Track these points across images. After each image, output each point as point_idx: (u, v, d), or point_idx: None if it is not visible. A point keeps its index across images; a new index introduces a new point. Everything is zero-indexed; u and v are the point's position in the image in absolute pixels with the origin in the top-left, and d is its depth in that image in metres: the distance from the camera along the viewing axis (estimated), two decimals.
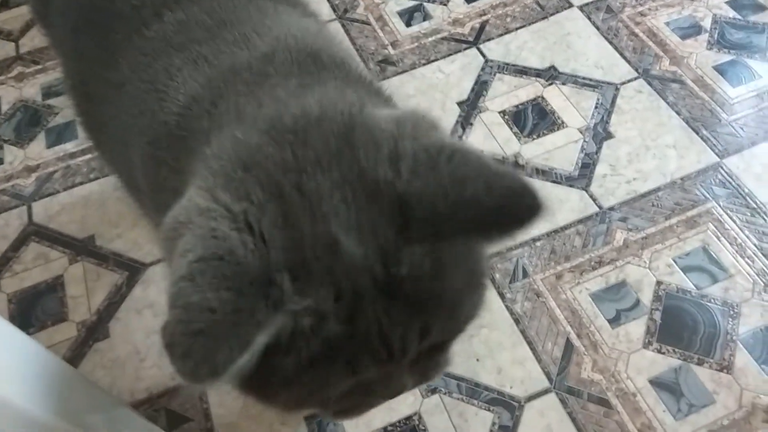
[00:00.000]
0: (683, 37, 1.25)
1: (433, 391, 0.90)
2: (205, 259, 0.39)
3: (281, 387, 0.45)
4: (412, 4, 1.40)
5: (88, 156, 1.24)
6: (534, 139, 1.14)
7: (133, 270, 1.08)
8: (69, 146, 1.27)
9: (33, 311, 1.04)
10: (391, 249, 0.41)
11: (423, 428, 0.87)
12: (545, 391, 0.89)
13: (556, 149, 1.12)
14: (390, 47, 1.33)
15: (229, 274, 0.39)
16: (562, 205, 1.05)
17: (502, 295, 0.97)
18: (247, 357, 0.38)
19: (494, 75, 1.24)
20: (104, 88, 0.67)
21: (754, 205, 1.02)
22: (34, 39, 1.48)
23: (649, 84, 1.18)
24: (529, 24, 1.32)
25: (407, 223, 0.41)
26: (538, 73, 1.23)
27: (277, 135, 0.44)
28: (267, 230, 0.40)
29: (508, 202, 0.40)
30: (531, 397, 0.88)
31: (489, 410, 0.88)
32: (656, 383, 0.88)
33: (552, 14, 1.33)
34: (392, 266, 0.41)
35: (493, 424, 0.87)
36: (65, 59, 0.80)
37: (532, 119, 1.16)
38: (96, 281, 1.07)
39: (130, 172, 0.64)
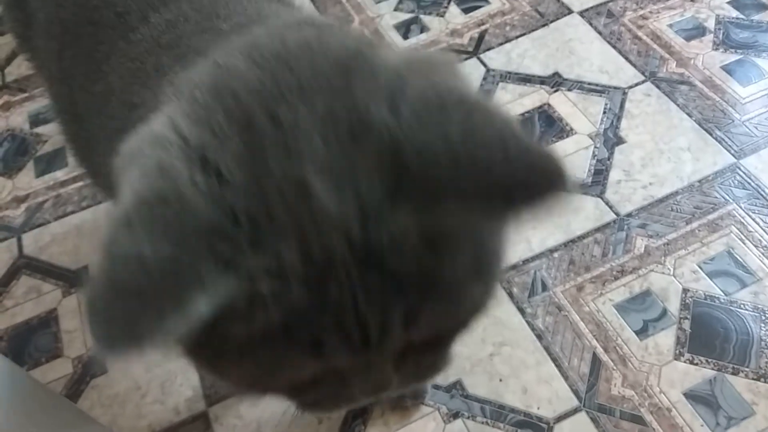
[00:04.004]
0: (688, 39, 1.22)
1: (455, 415, 0.84)
2: (146, 200, 0.33)
3: (232, 361, 0.38)
4: (408, 16, 1.37)
5: (80, 184, 1.20)
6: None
7: None
8: (59, 174, 1.22)
9: (26, 348, 0.98)
10: (373, 207, 0.33)
11: None
12: (575, 411, 0.83)
13: (567, 156, 1.08)
14: None
15: (172, 220, 0.32)
16: (578, 214, 1.01)
17: (521, 310, 0.92)
18: (183, 324, 0.31)
19: (497, 84, 1.21)
20: (92, 103, 0.63)
21: None
22: (21, 67, 1.43)
23: (657, 87, 1.15)
24: (530, 32, 1.29)
25: (398, 177, 0.33)
26: (542, 81, 1.20)
27: (261, 59, 0.37)
28: (225, 167, 0.33)
29: (526, 176, 0.32)
30: (560, 418, 0.83)
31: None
32: (691, 396, 0.83)
33: (552, 21, 1.30)
34: (372, 228, 0.33)
35: None
36: (52, 82, 0.76)
37: (539, 127, 1.13)
38: None
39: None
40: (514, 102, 1.17)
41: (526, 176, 0.32)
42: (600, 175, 1.05)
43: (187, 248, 0.31)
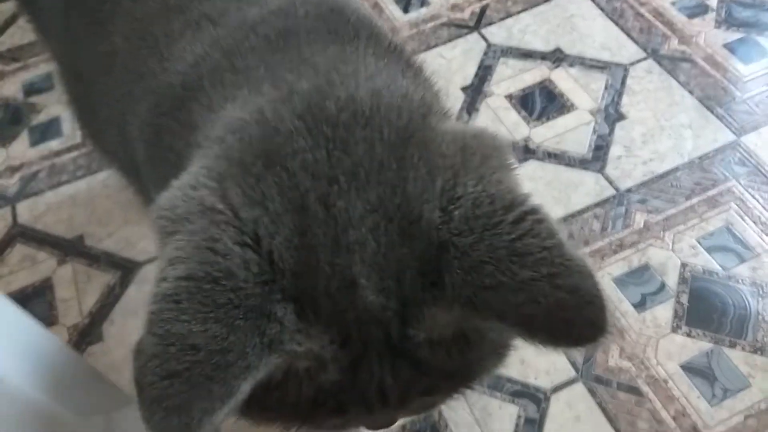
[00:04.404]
0: (690, 17, 1.22)
1: None
2: (196, 278, 0.32)
3: (261, 416, 0.39)
4: None
5: (75, 153, 1.18)
6: (543, 122, 1.09)
7: (126, 269, 1.02)
8: (54, 144, 1.20)
9: None
10: (413, 306, 0.34)
11: (444, 424, 0.81)
12: (572, 381, 0.84)
13: (568, 132, 1.07)
14: None
15: (223, 302, 0.32)
16: (577, 189, 1.01)
17: None
18: (229, 407, 0.31)
19: (498, 59, 1.20)
20: (96, 63, 0.62)
21: None
22: (14, 36, 1.41)
23: (659, 64, 1.15)
24: (531, 7, 1.28)
25: (440, 280, 0.34)
26: (543, 56, 1.19)
27: (313, 124, 0.36)
28: (278, 250, 0.34)
29: (567, 306, 0.32)
30: (557, 388, 0.83)
31: (513, 403, 0.83)
32: (688, 368, 0.83)
33: None
34: (411, 327, 0.35)
35: (519, 417, 0.82)
36: (55, 43, 0.75)
37: (540, 102, 1.12)
38: (87, 283, 1.01)
39: (128, 153, 0.59)
40: (515, 77, 1.16)
41: (565, 303, 0.32)
42: (600, 150, 1.05)
43: (236, 329, 0.32)
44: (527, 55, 1.20)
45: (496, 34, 1.24)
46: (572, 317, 0.32)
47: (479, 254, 0.33)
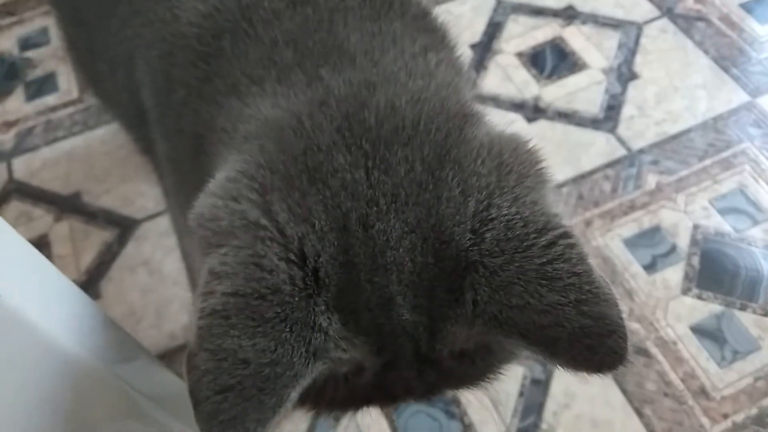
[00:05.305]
0: None
1: None
2: (244, 294, 0.33)
3: (293, 406, 0.41)
4: None
5: (71, 109, 1.15)
6: (554, 81, 1.06)
7: (124, 227, 1.00)
8: (50, 99, 1.17)
9: None
10: (442, 321, 0.36)
11: None
12: None
13: (579, 91, 1.04)
14: None
15: (270, 317, 0.33)
16: (588, 149, 0.98)
17: None
18: (280, 416, 0.33)
19: (508, 16, 1.16)
20: (98, 7, 0.59)
21: None
22: None
23: (674, 23, 1.11)
24: None
25: (471, 297, 0.35)
26: (555, 13, 1.15)
27: (353, 140, 0.36)
28: (324, 267, 0.35)
29: (591, 333, 0.33)
30: None
31: (519, 364, 0.81)
32: (698, 330, 0.81)
33: None
34: (438, 342, 0.36)
35: (524, 378, 0.80)
36: None
37: (551, 61, 1.09)
38: (84, 240, 0.99)
39: (134, 98, 0.56)
40: (526, 35, 1.13)
41: (588, 330, 0.33)
42: (612, 110, 1.02)
43: (283, 341, 0.33)
44: (538, 11, 1.16)
45: None
46: (595, 344, 0.33)
47: (509, 275, 0.34)
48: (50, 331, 0.38)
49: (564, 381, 0.80)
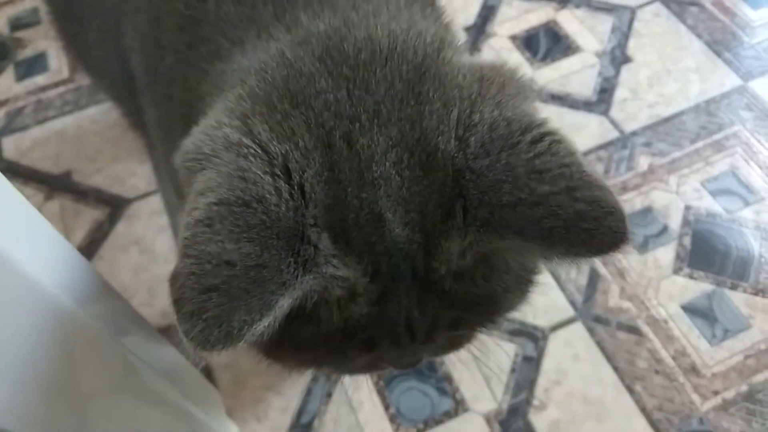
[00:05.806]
0: None
1: None
2: (228, 202, 0.33)
3: (292, 353, 0.40)
4: None
5: (62, 89, 1.14)
6: (548, 64, 1.06)
7: (115, 206, 0.99)
8: (40, 79, 1.16)
9: None
10: (436, 236, 0.35)
11: (441, 362, 0.80)
12: (571, 320, 0.82)
13: (572, 74, 1.05)
14: None
15: (255, 223, 0.32)
16: (581, 131, 0.99)
17: None
18: (267, 322, 0.32)
19: None
20: None
21: None
22: None
23: (667, 7, 1.12)
24: None
25: (461, 206, 0.34)
26: None
27: (334, 66, 0.37)
28: (309, 183, 0.34)
29: (587, 217, 0.32)
30: (556, 327, 0.82)
31: (511, 341, 0.81)
32: (689, 309, 0.82)
33: None
34: (434, 260, 0.35)
35: (516, 355, 0.81)
36: None
37: (544, 44, 1.09)
38: (75, 218, 0.98)
39: (124, 66, 0.56)
40: (519, 18, 1.13)
41: (585, 214, 0.32)
42: (605, 93, 1.02)
43: (270, 248, 0.32)
44: None
45: None
46: (593, 227, 0.32)
47: (496, 174, 0.33)
48: (42, 279, 0.37)
49: (556, 358, 0.80)
